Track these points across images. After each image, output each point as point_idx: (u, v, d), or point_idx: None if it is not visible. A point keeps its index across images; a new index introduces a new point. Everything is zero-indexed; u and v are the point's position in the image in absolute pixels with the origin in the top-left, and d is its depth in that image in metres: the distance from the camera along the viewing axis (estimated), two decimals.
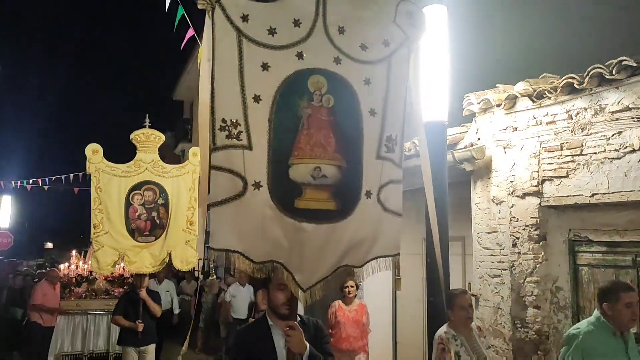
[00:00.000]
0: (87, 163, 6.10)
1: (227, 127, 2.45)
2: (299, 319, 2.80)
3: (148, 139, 6.36)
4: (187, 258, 6.25)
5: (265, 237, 2.51)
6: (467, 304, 4.04)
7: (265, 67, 2.52)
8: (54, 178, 17.39)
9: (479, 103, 5.52)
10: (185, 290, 12.11)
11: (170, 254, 6.17)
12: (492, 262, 5.38)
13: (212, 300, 10.98)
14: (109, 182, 6.12)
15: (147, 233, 6.20)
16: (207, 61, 2.46)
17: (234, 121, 2.46)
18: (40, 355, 9.19)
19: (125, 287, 10.18)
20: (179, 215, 6.28)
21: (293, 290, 2.61)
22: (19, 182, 18.93)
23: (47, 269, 14.37)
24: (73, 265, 10.12)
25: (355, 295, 6.42)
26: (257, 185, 2.48)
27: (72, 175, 16.91)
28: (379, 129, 2.77)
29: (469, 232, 5.81)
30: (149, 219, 6.23)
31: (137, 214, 6.19)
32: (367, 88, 2.73)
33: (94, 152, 6.18)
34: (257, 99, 2.50)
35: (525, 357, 4.88)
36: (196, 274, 13.34)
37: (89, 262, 9.78)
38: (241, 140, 2.47)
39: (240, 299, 9.77)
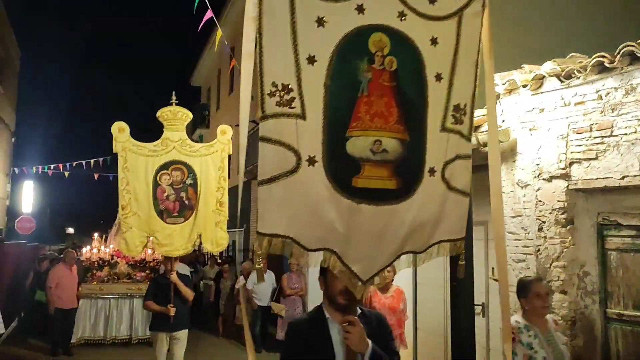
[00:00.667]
0: (114, 142, 5.91)
1: (277, 92, 2.19)
2: (359, 311, 2.51)
3: (175, 117, 6.15)
4: (218, 240, 6.12)
5: (319, 220, 2.25)
6: (544, 291, 3.80)
7: (320, 22, 2.23)
8: (74, 164, 17.64)
9: (504, 84, 5.38)
10: (208, 275, 12.13)
11: (200, 236, 6.07)
12: (517, 247, 5.28)
13: (230, 286, 11.01)
14: (136, 162, 5.95)
15: (176, 214, 6.06)
16: (252, 20, 2.20)
17: (286, 85, 2.19)
18: (62, 338, 9.24)
19: (148, 271, 10.29)
20: (208, 195, 6.13)
21: (349, 284, 2.33)
22: (40, 167, 19.20)
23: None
24: (95, 249, 10.12)
25: (392, 281, 6.01)
26: (312, 161, 2.22)
27: (92, 160, 17.15)
28: (446, 97, 2.49)
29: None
30: (177, 200, 6.08)
31: (165, 194, 6.03)
32: (434, 49, 2.43)
33: (120, 130, 5.99)
34: (311, 60, 2.22)
35: None
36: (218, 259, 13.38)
37: (110, 246, 9.83)
38: (294, 108, 2.21)
39: (262, 285, 9.73)
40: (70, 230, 60.91)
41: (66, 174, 19.27)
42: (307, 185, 2.23)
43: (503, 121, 5.50)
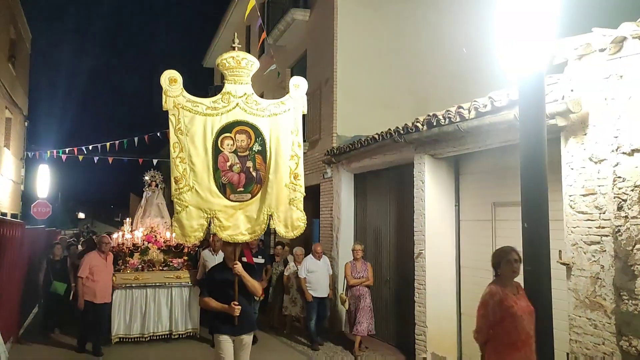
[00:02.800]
0: (163, 97, 4.85)
1: None
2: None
3: (239, 65, 5.04)
4: (293, 222, 5.09)
5: None
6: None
7: None
8: (90, 147, 17.30)
9: (575, 49, 4.88)
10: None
11: (271, 217, 5.03)
12: (589, 228, 4.83)
13: (280, 272, 9.89)
14: (191, 122, 4.88)
15: (242, 189, 5.01)
16: None
17: None
18: (93, 337, 8.09)
19: (186, 257, 9.30)
20: (279, 165, 5.07)
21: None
22: (55, 151, 18.88)
23: (91, 236, 13.81)
24: (128, 235, 9.15)
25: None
26: None
27: (108, 143, 16.79)
28: None
29: (557, 196, 5.24)
30: (243, 171, 5.01)
31: (228, 164, 4.97)
32: None
33: (171, 81, 4.89)
34: None
35: (634, 331, 4.36)
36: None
37: (140, 230, 9.13)
38: None
39: (319, 274, 8.75)
40: (82, 215, 61.06)
41: (80, 157, 18.95)
42: None
43: (571, 90, 5.02)
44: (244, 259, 5.78)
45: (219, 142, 4.95)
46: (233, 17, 20.24)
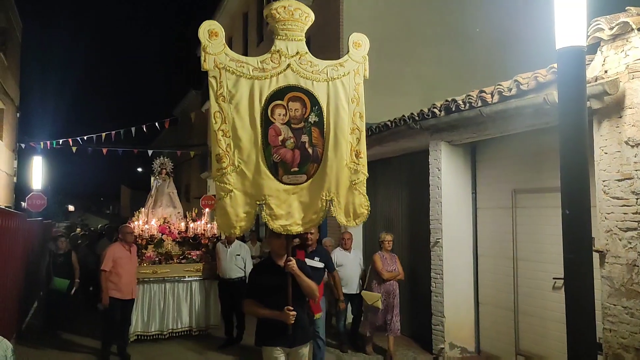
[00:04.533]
0: (202, 54, 3.99)
1: None
2: None
3: (291, 17, 4.15)
4: (355, 208, 4.36)
5: None
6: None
7: None
8: (85, 137, 16.97)
9: (611, 28, 4.71)
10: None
11: (330, 203, 4.23)
12: (625, 214, 4.69)
13: None
14: (235, 87, 3.99)
15: (296, 169, 4.16)
16: None
17: None
18: (117, 338, 7.55)
19: (204, 249, 8.81)
20: (339, 141, 4.27)
21: None
22: (48, 143, 18.52)
23: (110, 226, 13.29)
24: (146, 225, 8.61)
25: None
26: None
27: (104, 134, 16.47)
28: None
29: (590, 180, 5.09)
30: (297, 147, 4.16)
31: (280, 138, 4.11)
32: None
33: (211, 34, 3.94)
34: None
35: None
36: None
37: (152, 221, 8.67)
38: None
39: (349, 268, 7.79)
40: (71, 207, 60.45)
41: (74, 149, 18.61)
42: None
43: (605, 72, 4.86)
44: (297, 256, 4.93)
45: (269, 112, 4.08)
46: (229, 4, 19.89)
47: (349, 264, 7.81)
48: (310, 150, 4.20)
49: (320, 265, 6.24)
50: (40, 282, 9.71)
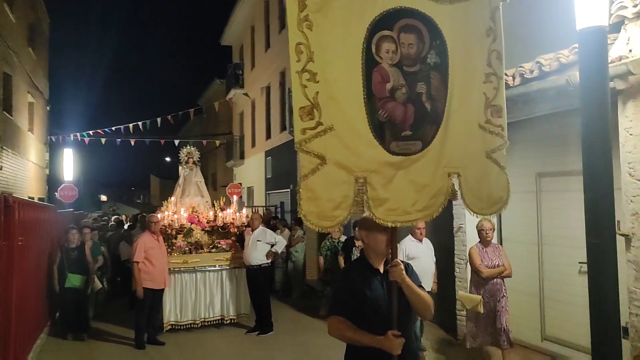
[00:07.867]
0: None
1: None
2: None
3: None
4: (491, 191, 3.21)
5: None
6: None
7: None
8: (114, 128, 17.27)
9: (635, 6, 4.57)
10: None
11: (456, 182, 2.97)
12: None
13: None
14: (326, 16, 2.62)
15: (409, 132, 2.81)
16: None
17: None
18: (150, 327, 7.62)
19: (234, 238, 8.80)
20: (469, 91, 3.03)
21: None
22: (78, 134, 18.93)
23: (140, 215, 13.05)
24: (175, 215, 8.54)
25: None
26: None
27: (131, 125, 16.75)
28: None
29: (614, 162, 4.98)
30: (411, 100, 2.81)
31: (388, 86, 2.75)
32: None
33: None
34: None
35: None
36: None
37: (181, 210, 8.65)
38: None
39: (423, 260, 6.57)
40: (104, 197, 61.86)
41: (103, 140, 18.98)
42: None
43: (630, 51, 4.72)
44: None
45: (372, 46, 2.72)
46: None
47: (423, 256, 6.70)
48: (428, 106, 2.87)
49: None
50: (53, 282, 8.27)
